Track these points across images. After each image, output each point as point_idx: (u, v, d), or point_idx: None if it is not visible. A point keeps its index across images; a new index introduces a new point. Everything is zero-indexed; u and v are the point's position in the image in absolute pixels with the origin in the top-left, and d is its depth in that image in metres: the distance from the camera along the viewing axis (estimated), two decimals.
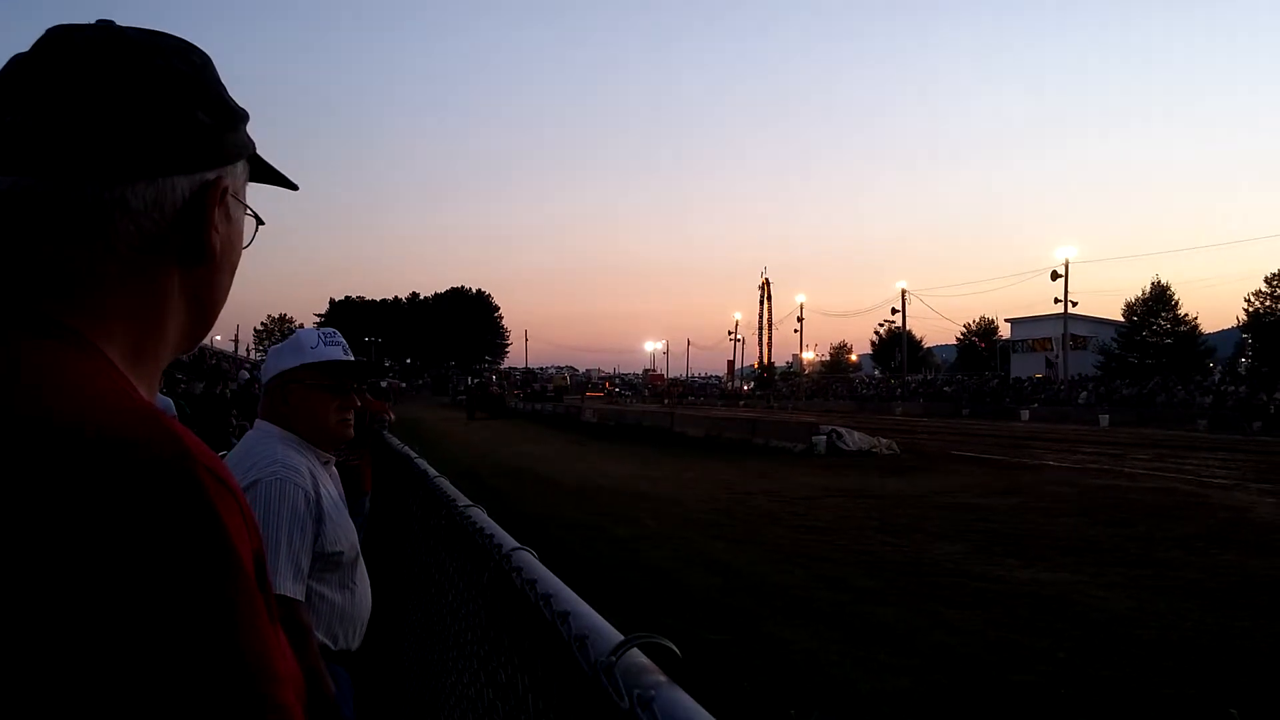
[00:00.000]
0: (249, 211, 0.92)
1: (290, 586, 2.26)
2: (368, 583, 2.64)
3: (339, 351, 2.59)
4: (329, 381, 2.57)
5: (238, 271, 0.91)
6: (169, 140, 0.80)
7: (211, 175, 0.83)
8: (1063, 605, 7.61)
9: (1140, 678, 5.78)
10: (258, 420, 2.58)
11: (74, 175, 0.76)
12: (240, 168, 0.89)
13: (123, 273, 0.79)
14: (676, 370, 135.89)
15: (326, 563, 2.42)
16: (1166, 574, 8.95)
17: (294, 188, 1.01)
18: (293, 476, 2.37)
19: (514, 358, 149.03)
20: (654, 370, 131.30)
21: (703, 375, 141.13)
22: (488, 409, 50.94)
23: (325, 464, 2.55)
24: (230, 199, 0.86)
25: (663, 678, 0.74)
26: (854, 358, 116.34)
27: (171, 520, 0.64)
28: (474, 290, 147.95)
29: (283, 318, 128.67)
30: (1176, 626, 6.98)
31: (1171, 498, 14.79)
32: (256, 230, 0.94)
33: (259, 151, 0.94)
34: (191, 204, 0.82)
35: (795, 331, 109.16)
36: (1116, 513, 13.02)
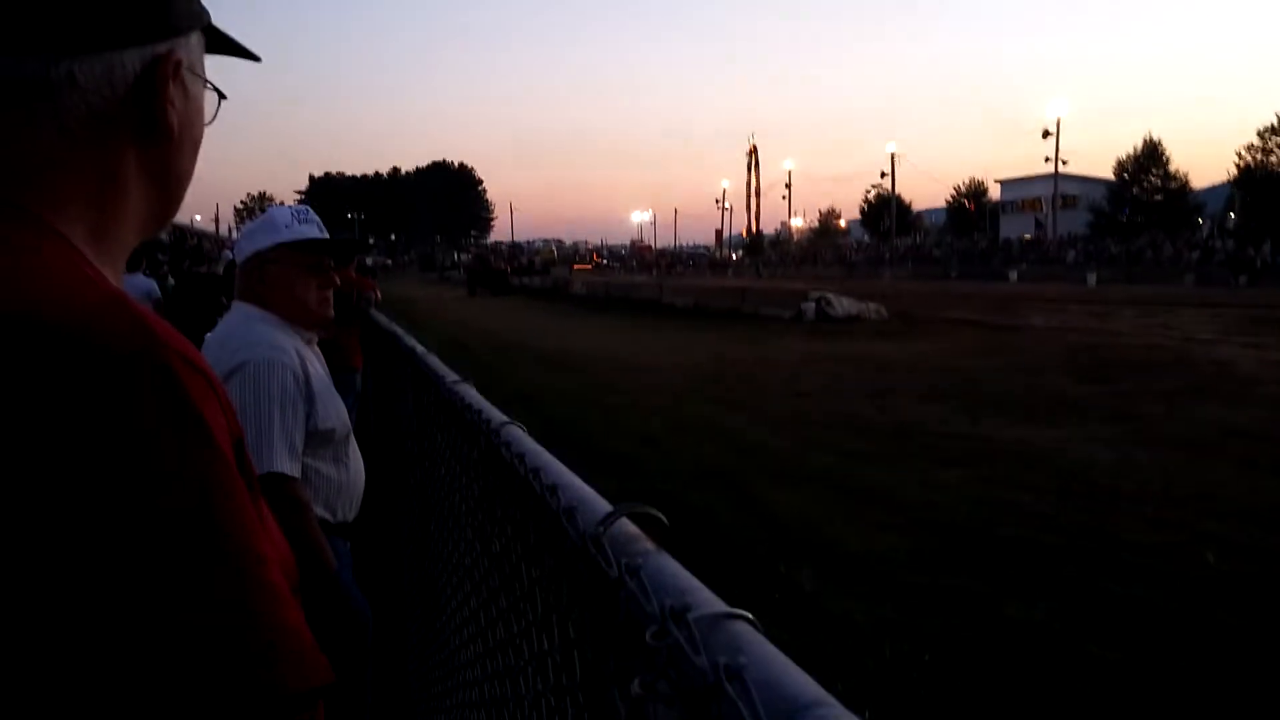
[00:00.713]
0: (209, 86, 0.88)
1: (286, 464, 2.29)
2: (360, 457, 2.68)
3: (314, 229, 2.54)
4: (306, 260, 2.53)
5: (216, 149, 0.87)
6: (115, 11, 0.76)
7: (163, 48, 0.80)
8: (1046, 461, 7.78)
9: (1121, 527, 5.95)
10: (235, 302, 2.54)
11: (16, 51, 0.73)
12: (195, 39, 0.85)
13: (78, 153, 0.76)
14: (664, 240, 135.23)
15: (320, 440, 2.44)
16: (1149, 428, 9.13)
17: (255, 59, 0.97)
18: (280, 357, 2.37)
19: (499, 231, 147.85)
20: (641, 241, 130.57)
21: (691, 245, 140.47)
22: (490, 285, 46.94)
23: (309, 343, 2.54)
24: (185, 73, 0.82)
25: (650, 545, 0.75)
26: (843, 224, 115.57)
27: (142, 406, 0.63)
28: (456, 164, 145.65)
29: (262, 195, 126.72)
30: (1157, 478, 7.15)
31: (1156, 354, 14.97)
32: (219, 106, 0.90)
33: (218, 22, 0.90)
34: (144, 79, 0.78)
35: (783, 198, 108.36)
36: (1101, 370, 13.19)
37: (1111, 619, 4.56)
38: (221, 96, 0.90)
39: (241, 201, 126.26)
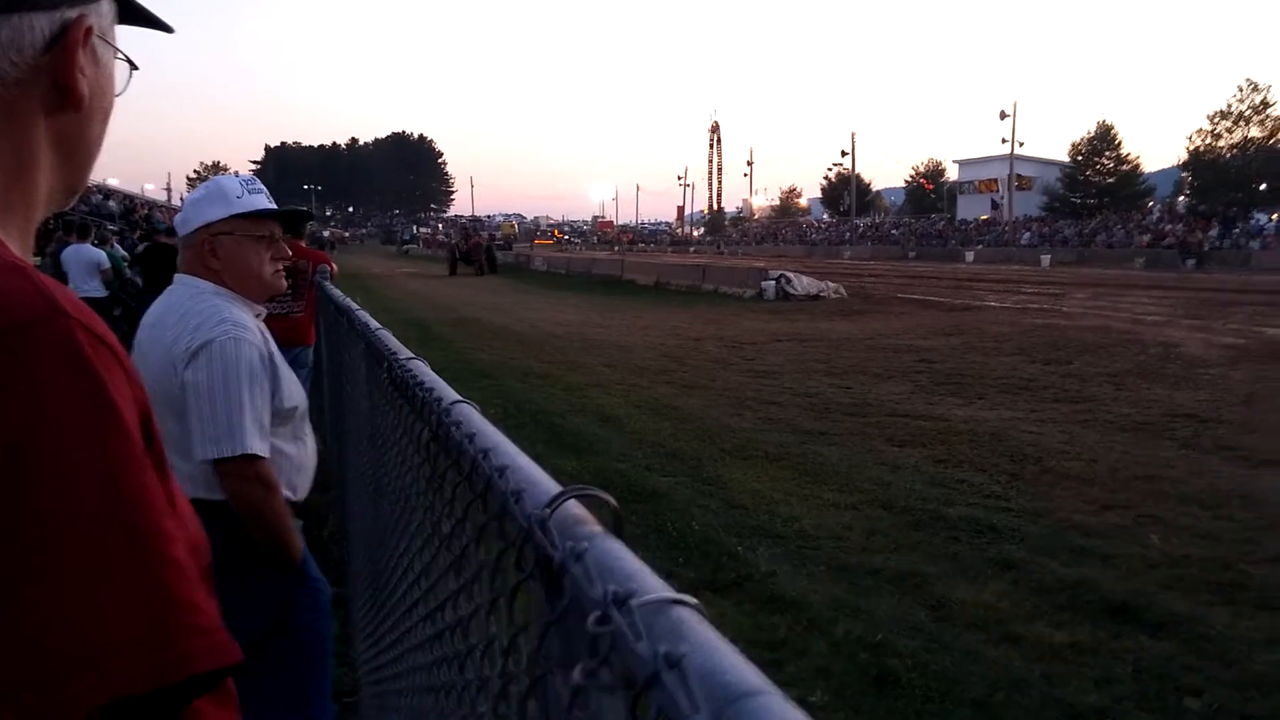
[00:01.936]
0: (120, 55, 0.85)
1: (257, 444, 2.25)
2: (313, 434, 2.65)
3: (263, 199, 2.48)
4: (258, 231, 2.46)
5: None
6: None
7: (73, 13, 0.77)
8: (998, 441, 7.89)
9: (1069, 508, 6.05)
10: (181, 275, 2.46)
11: None
12: (106, 7, 0.82)
13: None
14: (626, 217, 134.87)
15: (281, 418, 2.40)
16: (1098, 408, 9.29)
17: (169, 30, 0.95)
18: (245, 335, 2.32)
19: (460, 206, 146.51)
20: (603, 217, 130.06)
21: (653, 222, 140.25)
22: (473, 262, 41.13)
23: (258, 316, 2.49)
24: (96, 40, 0.80)
25: (597, 529, 0.74)
26: (804, 202, 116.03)
27: (42, 374, 0.61)
28: (416, 135, 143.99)
29: (216, 164, 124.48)
30: (1104, 458, 7.28)
31: (1106, 335, 15.21)
32: (130, 76, 0.88)
33: None
34: (53, 44, 0.76)
35: (745, 176, 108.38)
36: (1053, 351, 13.39)
37: (1059, 600, 4.64)
38: (133, 67, 0.87)
39: (195, 170, 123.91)
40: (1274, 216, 54.35)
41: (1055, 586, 4.77)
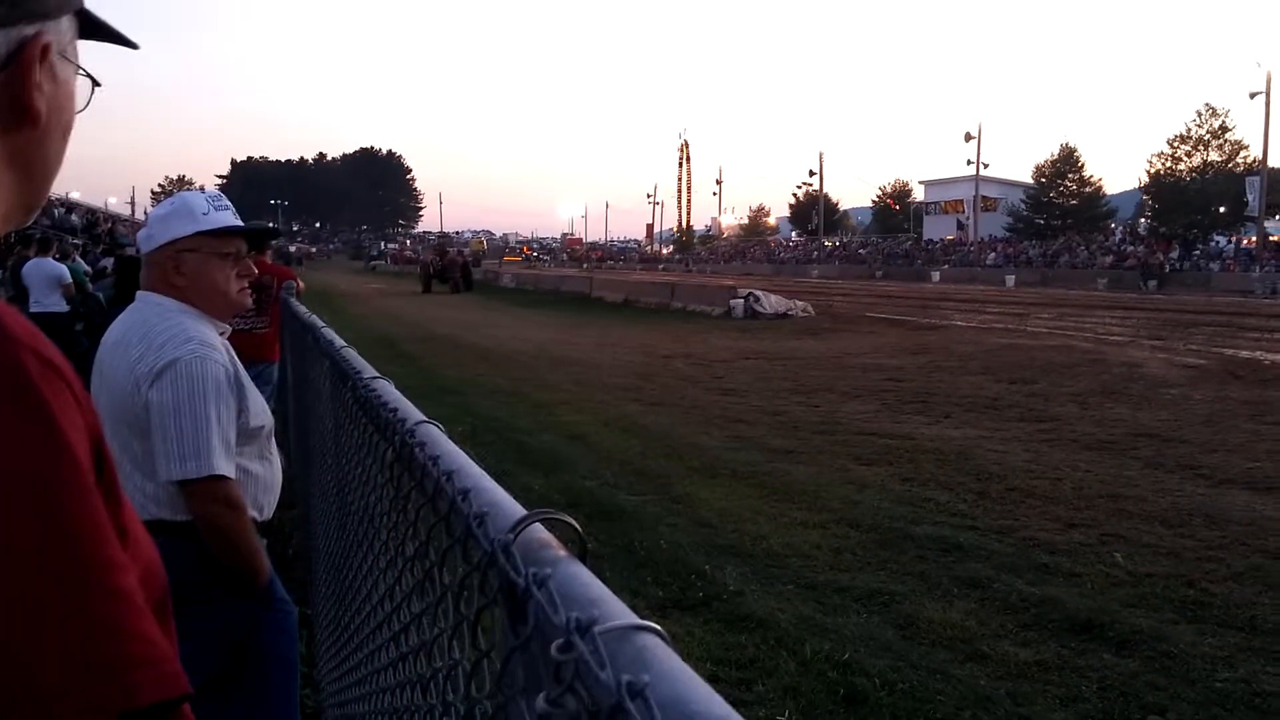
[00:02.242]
0: (81, 71, 0.84)
1: (224, 465, 2.22)
2: (278, 452, 2.62)
3: (230, 216, 2.45)
4: (224, 248, 2.43)
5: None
6: None
7: (30, 30, 0.76)
8: (964, 460, 7.95)
9: (1035, 526, 6.10)
10: (143, 293, 2.41)
11: None
12: (66, 23, 0.81)
13: None
14: (595, 234, 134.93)
15: (247, 437, 2.37)
16: (1062, 428, 9.39)
17: (133, 46, 0.94)
18: (211, 354, 2.29)
19: (428, 222, 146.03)
20: (572, 234, 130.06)
21: (622, 239, 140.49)
22: (448, 280, 39.74)
23: (222, 334, 2.46)
24: (55, 57, 0.79)
25: (561, 553, 0.74)
26: (772, 221, 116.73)
27: None
28: (384, 151, 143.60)
29: (181, 179, 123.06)
30: (1069, 477, 7.35)
31: (1069, 355, 15.39)
32: (93, 93, 0.87)
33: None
34: (9, 62, 0.75)
35: (714, 194, 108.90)
36: (1018, 370, 13.52)
37: (1025, 618, 4.67)
38: (96, 84, 0.87)
39: (159, 184, 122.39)
40: (1233, 239, 55.36)
41: (1021, 605, 4.80)
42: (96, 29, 0.88)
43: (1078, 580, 5.13)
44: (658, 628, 0.59)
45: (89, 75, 0.86)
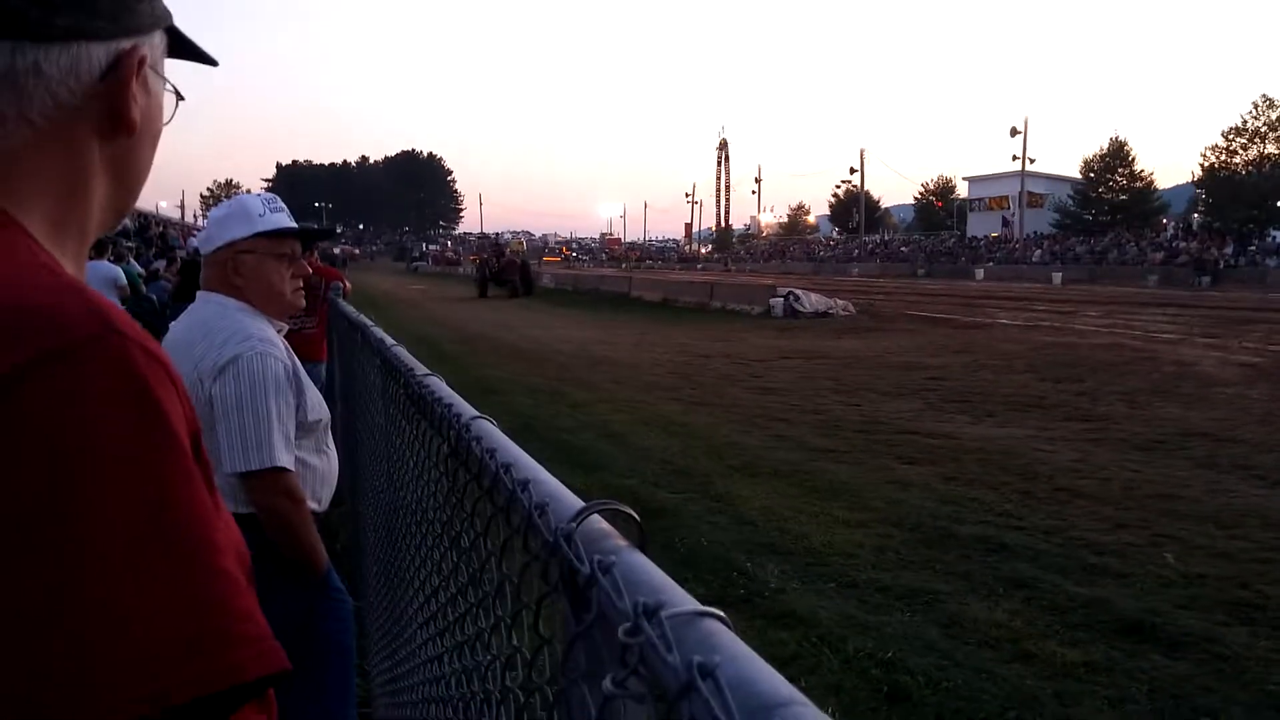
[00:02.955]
0: (169, 86, 0.90)
1: (285, 457, 2.29)
2: (333, 446, 2.67)
3: (285, 218, 2.51)
4: (279, 249, 2.50)
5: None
6: (84, 5, 0.77)
7: (127, 44, 0.81)
8: (1010, 459, 7.86)
9: (1082, 526, 6.03)
10: (204, 293, 2.49)
11: None
12: (158, 39, 0.87)
13: (40, 144, 0.77)
14: (634, 234, 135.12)
15: (306, 430, 2.44)
16: (1110, 427, 9.25)
17: (213, 63, 1.00)
18: (271, 350, 2.36)
19: (468, 223, 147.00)
20: (611, 234, 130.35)
21: (660, 239, 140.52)
22: (506, 283, 35.87)
23: (280, 333, 2.52)
24: (149, 70, 0.84)
25: (623, 543, 0.75)
26: (812, 219, 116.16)
27: (98, 391, 0.63)
28: (425, 153, 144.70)
29: (229, 183, 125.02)
30: (1117, 476, 7.25)
31: (1119, 353, 15.16)
32: (177, 107, 0.93)
33: (185, 17, 0.92)
34: (109, 73, 0.80)
35: (753, 193, 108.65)
36: (1065, 369, 13.35)
37: (1072, 618, 4.61)
38: (180, 98, 0.92)
39: (208, 188, 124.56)
40: None
41: (1068, 605, 4.75)
42: (182, 46, 0.93)
43: (1127, 581, 5.07)
44: (722, 614, 0.60)
45: (175, 90, 0.91)
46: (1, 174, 0.76)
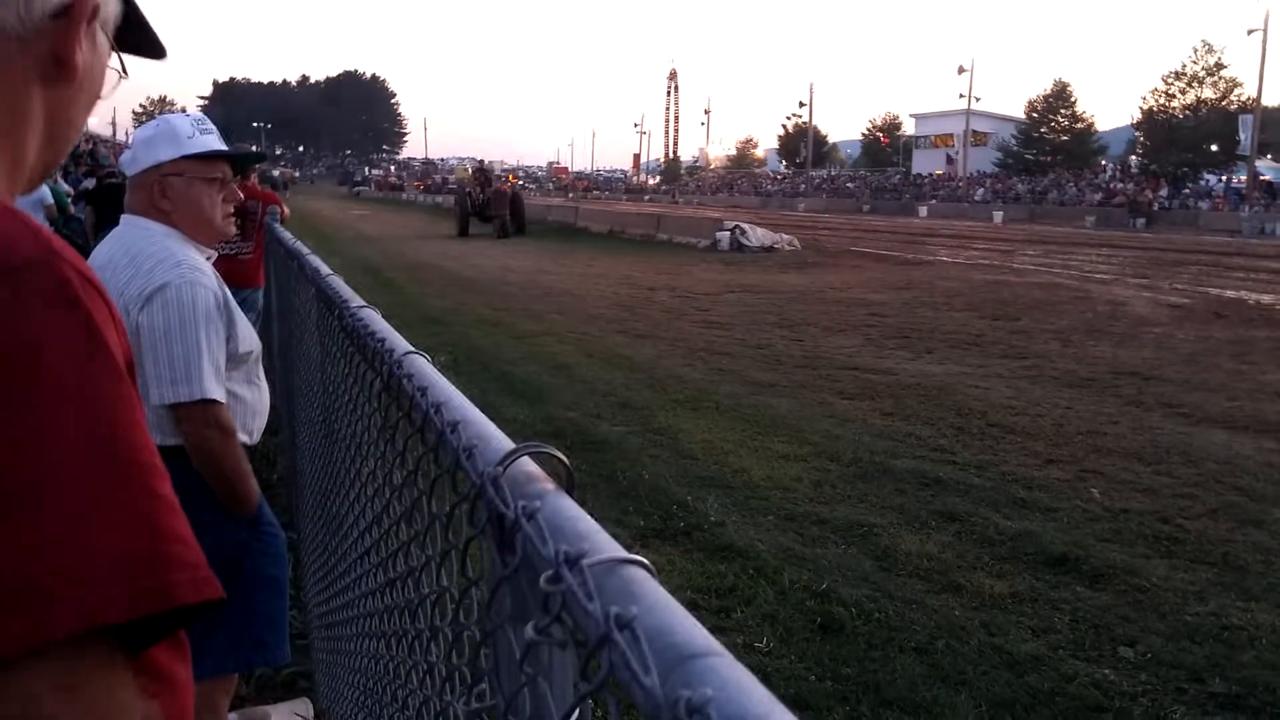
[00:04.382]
0: (115, 51, 0.88)
1: (215, 389, 2.23)
2: (265, 378, 2.62)
3: (215, 140, 2.42)
4: (209, 173, 2.41)
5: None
6: None
7: None
8: (946, 395, 8.01)
9: (1012, 461, 6.18)
10: (129, 216, 2.39)
11: None
12: (112, 2, 0.85)
13: None
14: (581, 163, 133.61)
15: (236, 362, 2.38)
16: (1044, 365, 9.46)
17: (161, 55, 0.97)
18: (200, 278, 2.28)
19: (412, 148, 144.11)
20: (559, 163, 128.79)
21: (608, 169, 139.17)
22: (493, 218, 28.87)
23: (208, 259, 2.44)
24: (98, 25, 0.83)
25: (550, 486, 0.74)
26: (760, 153, 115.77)
27: (40, 315, 0.63)
28: (369, 74, 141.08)
29: (163, 100, 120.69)
30: (1049, 414, 7.43)
31: (1054, 292, 15.45)
32: (118, 84, 0.91)
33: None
34: (60, 15, 0.78)
35: (702, 124, 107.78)
36: (1002, 307, 13.58)
37: (1001, 551, 4.75)
38: (123, 76, 0.91)
39: (140, 105, 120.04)
40: (1223, 178, 55.27)
41: (997, 538, 4.88)
42: (133, 29, 0.91)
43: (1054, 515, 5.22)
44: (645, 561, 0.60)
45: (121, 66, 0.90)
46: None
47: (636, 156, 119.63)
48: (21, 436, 0.60)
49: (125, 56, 0.91)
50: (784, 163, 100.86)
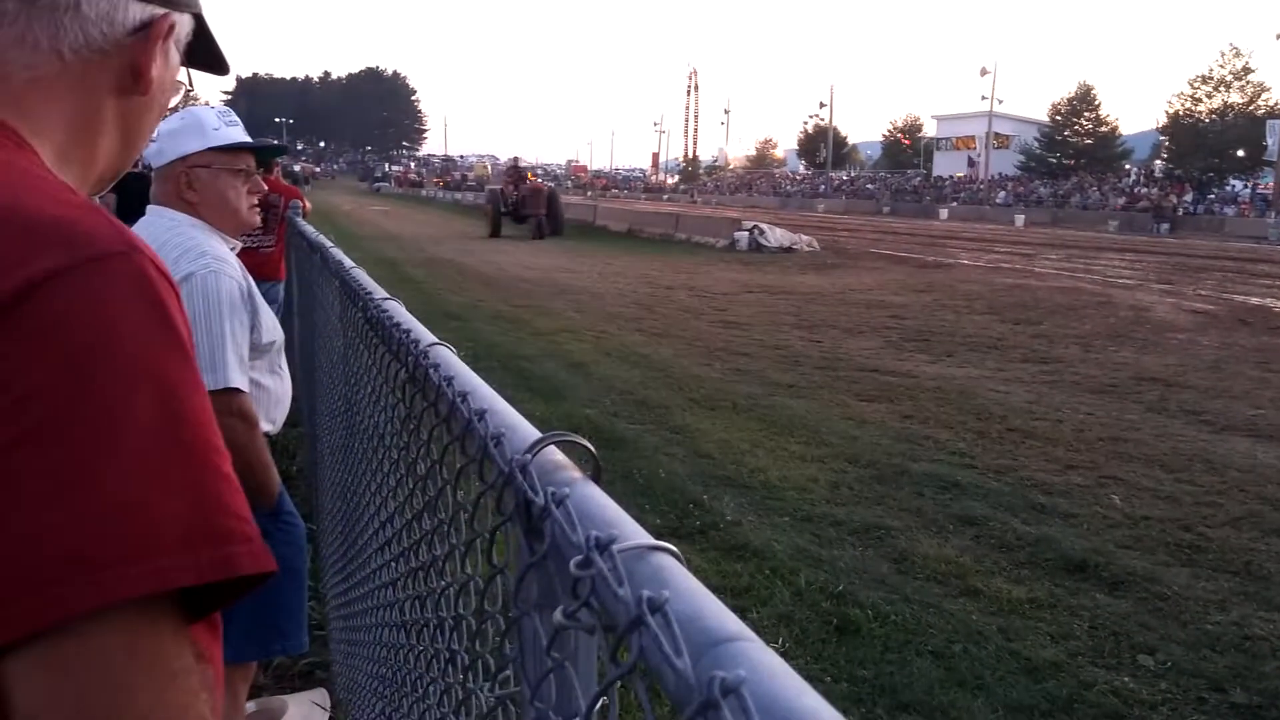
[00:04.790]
0: (183, 74, 0.97)
1: (238, 378, 2.25)
2: (287, 367, 2.64)
3: (240, 132, 2.44)
4: (234, 165, 2.43)
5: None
6: None
7: (160, 11, 0.87)
8: (965, 399, 7.97)
9: (1032, 466, 6.14)
10: (155, 207, 2.42)
11: None
12: (186, 21, 0.92)
13: (65, 78, 0.82)
14: (600, 162, 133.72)
15: (260, 351, 2.40)
16: (1065, 370, 9.40)
17: (224, 71, 1.06)
18: (225, 268, 2.31)
19: (432, 145, 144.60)
20: (577, 161, 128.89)
21: (627, 168, 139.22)
22: (527, 218, 27.01)
23: (233, 250, 2.47)
24: (172, 42, 0.90)
25: (577, 474, 0.75)
26: (779, 154, 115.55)
27: (123, 304, 0.67)
28: (390, 72, 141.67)
29: (187, 94, 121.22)
30: (1069, 419, 7.38)
31: (1076, 297, 15.34)
32: (182, 96, 1.01)
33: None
34: (139, 30, 0.85)
35: (721, 125, 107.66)
36: (1023, 311, 13.50)
37: (1019, 556, 4.72)
38: (188, 89, 1.01)
39: None
40: (1249, 183, 54.79)
41: (1016, 543, 4.86)
42: (201, 45, 0.98)
43: (1074, 521, 5.19)
44: (674, 549, 0.60)
45: (189, 78, 0.99)
46: (25, 99, 0.80)
47: (655, 156, 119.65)
48: (99, 413, 0.63)
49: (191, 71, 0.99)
50: (804, 163, 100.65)
